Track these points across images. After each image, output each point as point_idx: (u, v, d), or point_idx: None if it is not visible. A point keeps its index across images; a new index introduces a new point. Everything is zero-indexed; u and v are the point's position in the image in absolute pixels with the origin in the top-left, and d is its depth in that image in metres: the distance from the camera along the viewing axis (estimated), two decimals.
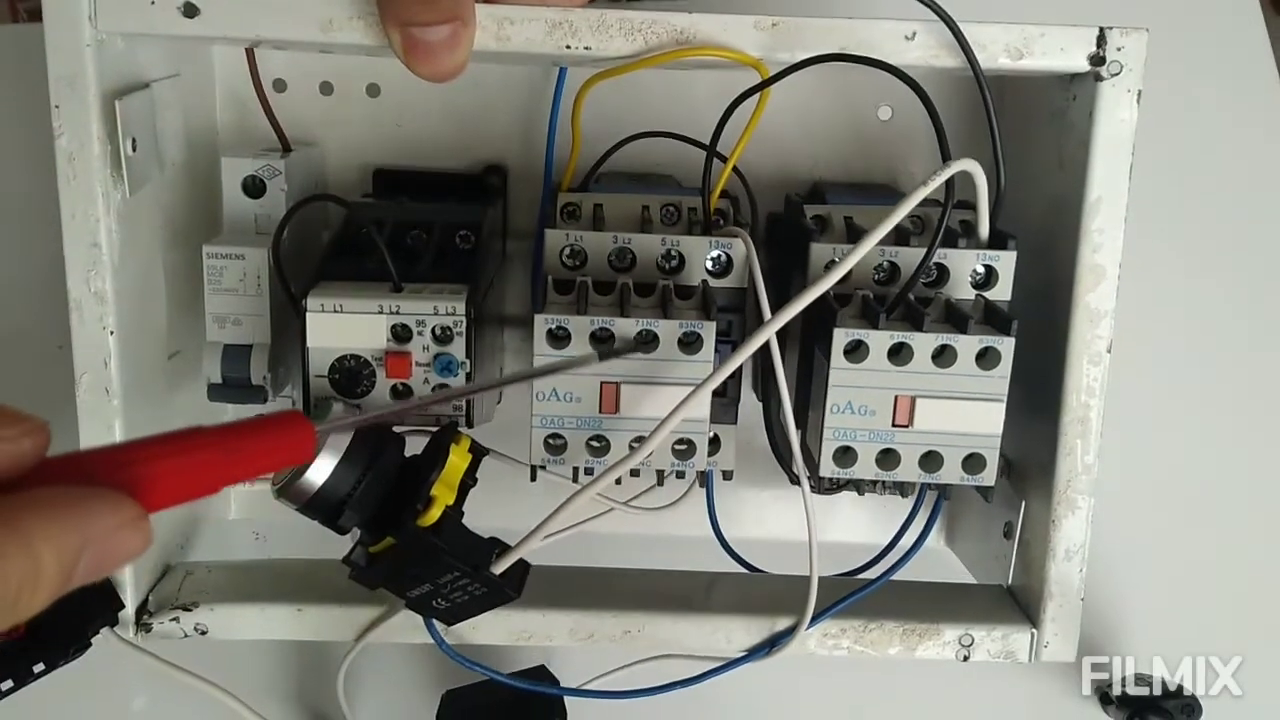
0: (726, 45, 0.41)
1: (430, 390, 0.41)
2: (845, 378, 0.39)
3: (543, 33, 0.41)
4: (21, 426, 0.27)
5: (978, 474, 0.40)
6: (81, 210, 0.42)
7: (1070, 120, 0.44)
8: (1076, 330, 0.44)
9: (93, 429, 0.43)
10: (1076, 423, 0.44)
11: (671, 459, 0.40)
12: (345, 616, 0.46)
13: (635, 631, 0.46)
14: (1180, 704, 0.53)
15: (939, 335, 0.39)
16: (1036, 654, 0.47)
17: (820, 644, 0.47)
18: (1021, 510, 0.46)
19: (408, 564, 0.39)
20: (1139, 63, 0.42)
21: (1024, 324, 0.41)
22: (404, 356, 0.41)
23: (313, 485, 0.38)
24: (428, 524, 0.38)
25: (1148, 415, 0.56)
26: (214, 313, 0.45)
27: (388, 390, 0.41)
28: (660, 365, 0.39)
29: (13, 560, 0.25)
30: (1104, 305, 0.43)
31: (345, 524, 0.39)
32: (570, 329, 0.39)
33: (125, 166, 0.42)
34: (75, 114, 0.41)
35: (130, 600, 0.45)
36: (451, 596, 0.40)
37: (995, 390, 0.39)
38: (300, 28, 0.40)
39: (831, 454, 0.40)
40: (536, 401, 0.39)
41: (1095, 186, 0.43)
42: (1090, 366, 0.44)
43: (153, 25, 0.40)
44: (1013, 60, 0.41)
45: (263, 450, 0.31)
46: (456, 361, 0.41)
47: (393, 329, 0.41)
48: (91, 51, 0.40)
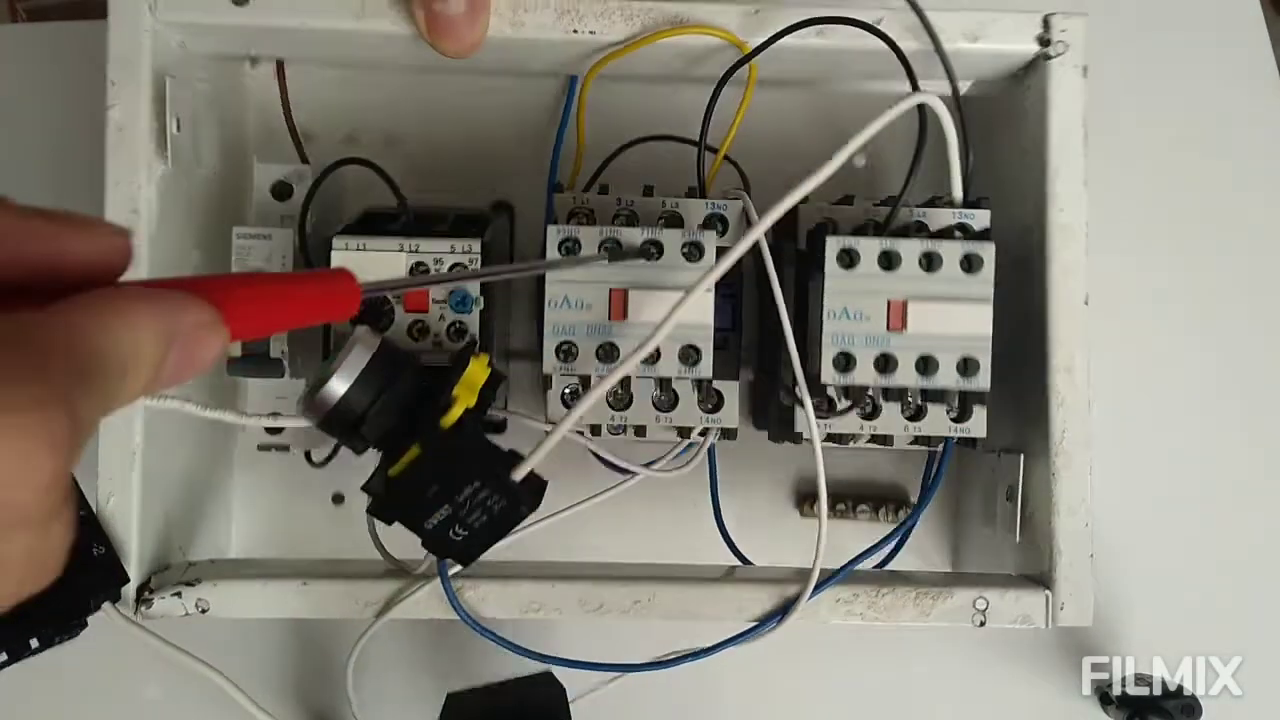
0: (714, 25, 0.46)
1: (445, 326, 0.43)
2: (839, 285, 0.41)
3: (552, 18, 0.46)
4: (109, 226, 0.28)
5: (973, 376, 0.42)
6: (126, 178, 0.45)
7: (1026, 109, 0.49)
8: (1054, 285, 0.46)
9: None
10: (1063, 370, 0.46)
11: (678, 363, 0.41)
12: (350, 592, 0.45)
13: (645, 601, 0.46)
14: (1180, 704, 0.53)
15: (925, 241, 0.42)
16: (1053, 617, 0.46)
17: (833, 610, 0.46)
18: (1020, 465, 0.47)
19: (428, 477, 0.39)
20: (1081, 42, 0.47)
21: (1006, 304, 0.44)
22: (422, 291, 0.43)
23: (334, 395, 0.39)
24: (449, 423, 0.39)
25: (1148, 415, 0.57)
26: None
27: (406, 325, 0.43)
28: (666, 274, 0.41)
29: (116, 334, 0.25)
30: (1076, 260, 0.47)
31: (367, 434, 0.39)
32: (580, 239, 0.41)
33: (170, 142, 0.45)
34: (128, 90, 0.45)
35: (132, 573, 0.45)
36: (469, 520, 0.40)
37: (981, 292, 0.42)
38: (336, 16, 0.45)
39: (832, 360, 0.41)
40: (549, 309, 0.41)
41: (1054, 155, 0.47)
42: (1070, 319, 0.46)
43: (207, 14, 0.45)
44: (969, 42, 0.47)
45: (316, 295, 0.33)
46: (471, 297, 0.43)
47: (411, 267, 0.43)
48: (149, 37, 0.45)
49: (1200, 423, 0.58)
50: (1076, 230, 0.47)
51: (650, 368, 0.41)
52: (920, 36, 0.46)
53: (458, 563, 0.42)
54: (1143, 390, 0.57)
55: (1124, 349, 0.55)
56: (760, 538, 0.53)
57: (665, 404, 0.45)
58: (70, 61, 0.57)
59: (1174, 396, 0.58)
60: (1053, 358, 0.46)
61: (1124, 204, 0.57)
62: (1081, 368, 0.46)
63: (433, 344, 0.44)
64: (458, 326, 0.44)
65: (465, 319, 0.44)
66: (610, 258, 0.40)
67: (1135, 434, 0.56)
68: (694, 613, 0.46)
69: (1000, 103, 0.51)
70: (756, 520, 0.57)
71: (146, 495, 0.45)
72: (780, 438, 0.56)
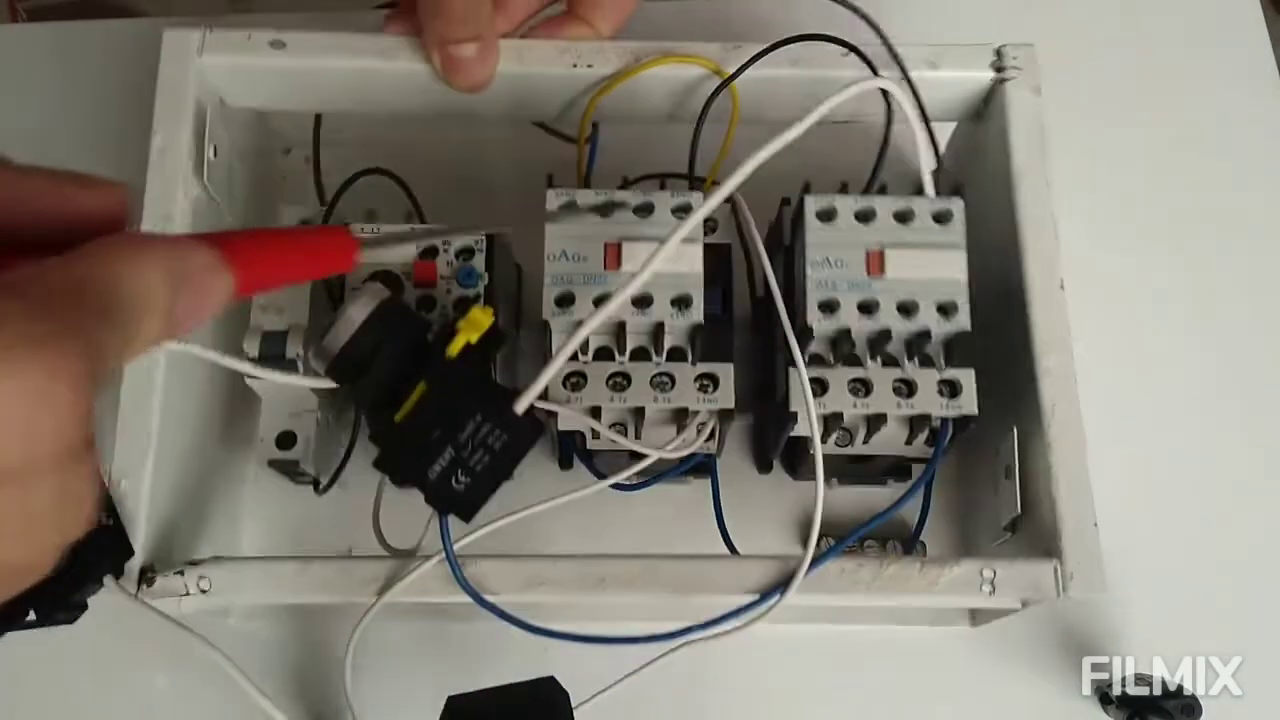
0: (698, 55, 0.51)
1: (452, 300, 0.46)
2: (820, 236, 0.44)
3: (554, 55, 0.51)
4: (107, 180, 0.31)
5: (952, 318, 0.44)
6: (164, 194, 0.49)
7: (988, 127, 0.53)
8: (1030, 271, 0.49)
9: (136, 376, 0.47)
10: (1048, 350, 0.48)
11: (670, 308, 0.43)
12: (354, 570, 0.45)
13: (648, 574, 0.45)
14: (1180, 704, 0.51)
15: (898, 199, 0.45)
16: (1064, 587, 0.45)
17: (838, 580, 0.45)
18: (1015, 442, 0.48)
19: (432, 416, 0.41)
20: (1034, 66, 0.52)
21: (985, 303, 0.47)
22: (430, 263, 0.46)
23: (344, 334, 0.41)
24: (454, 353, 0.40)
25: (1148, 415, 0.58)
26: (259, 302, 0.50)
27: (415, 300, 0.46)
28: (657, 229, 0.44)
29: (126, 276, 0.26)
30: (1048, 247, 0.49)
31: (373, 371, 0.41)
32: (578, 200, 0.44)
33: (206, 167, 0.50)
34: (172, 119, 0.50)
35: (137, 557, 0.45)
36: (471, 462, 0.41)
37: (954, 240, 0.44)
38: (366, 57, 0.51)
39: (817, 305, 0.43)
40: (548, 262, 0.44)
41: (1019, 155, 0.50)
42: (1048, 301, 0.48)
43: (249, 57, 0.51)
44: (931, 70, 0.52)
45: (315, 246, 0.36)
46: (477, 273, 0.46)
47: (421, 250, 0.47)
48: (195, 75, 0.50)
49: (1200, 423, 0.58)
50: (1045, 223, 0.50)
51: (644, 311, 0.43)
52: (887, 65, 0.51)
53: (461, 517, 0.43)
54: (1143, 390, 0.57)
55: (1124, 349, 0.57)
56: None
57: (664, 385, 0.47)
58: (70, 61, 0.59)
59: (1174, 396, 0.59)
60: (1036, 339, 0.48)
61: (1124, 204, 0.59)
62: (1064, 346, 0.48)
63: (439, 318, 0.46)
64: (464, 301, 0.46)
65: (470, 293, 0.46)
66: (602, 214, 0.44)
67: (1135, 434, 0.56)
68: (695, 585, 0.45)
69: (967, 132, 0.55)
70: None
71: (157, 485, 0.46)
72: (785, 461, 0.57)
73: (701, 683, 0.55)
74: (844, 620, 0.57)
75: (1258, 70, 0.63)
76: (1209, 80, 0.62)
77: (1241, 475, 0.58)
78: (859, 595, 0.45)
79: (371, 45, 0.51)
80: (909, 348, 0.45)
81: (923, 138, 0.48)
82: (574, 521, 0.56)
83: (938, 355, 0.46)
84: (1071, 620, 0.57)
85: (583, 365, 0.46)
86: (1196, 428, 0.58)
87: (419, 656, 0.56)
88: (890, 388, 0.46)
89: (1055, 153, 0.50)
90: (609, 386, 0.47)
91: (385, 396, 0.42)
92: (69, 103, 0.60)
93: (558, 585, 0.45)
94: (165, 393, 0.47)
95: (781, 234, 0.50)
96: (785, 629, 0.55)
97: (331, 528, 0.56)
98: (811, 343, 0.45)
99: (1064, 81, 0.53)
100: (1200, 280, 0.61)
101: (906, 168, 0.50)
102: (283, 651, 0.56)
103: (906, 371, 0.46)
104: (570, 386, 0.46)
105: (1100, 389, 0.48)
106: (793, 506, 0.58)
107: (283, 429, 0.52)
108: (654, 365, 0.47)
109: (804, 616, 0.56)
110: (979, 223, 0.51)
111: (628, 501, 0.57)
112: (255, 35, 0.51)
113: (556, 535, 0.55)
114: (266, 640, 0.55)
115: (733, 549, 0.51)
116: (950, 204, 0.45)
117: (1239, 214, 0.62)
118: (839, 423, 0.47)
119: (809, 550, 0.44)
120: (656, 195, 0.45)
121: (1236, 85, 0.63)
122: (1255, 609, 0.56)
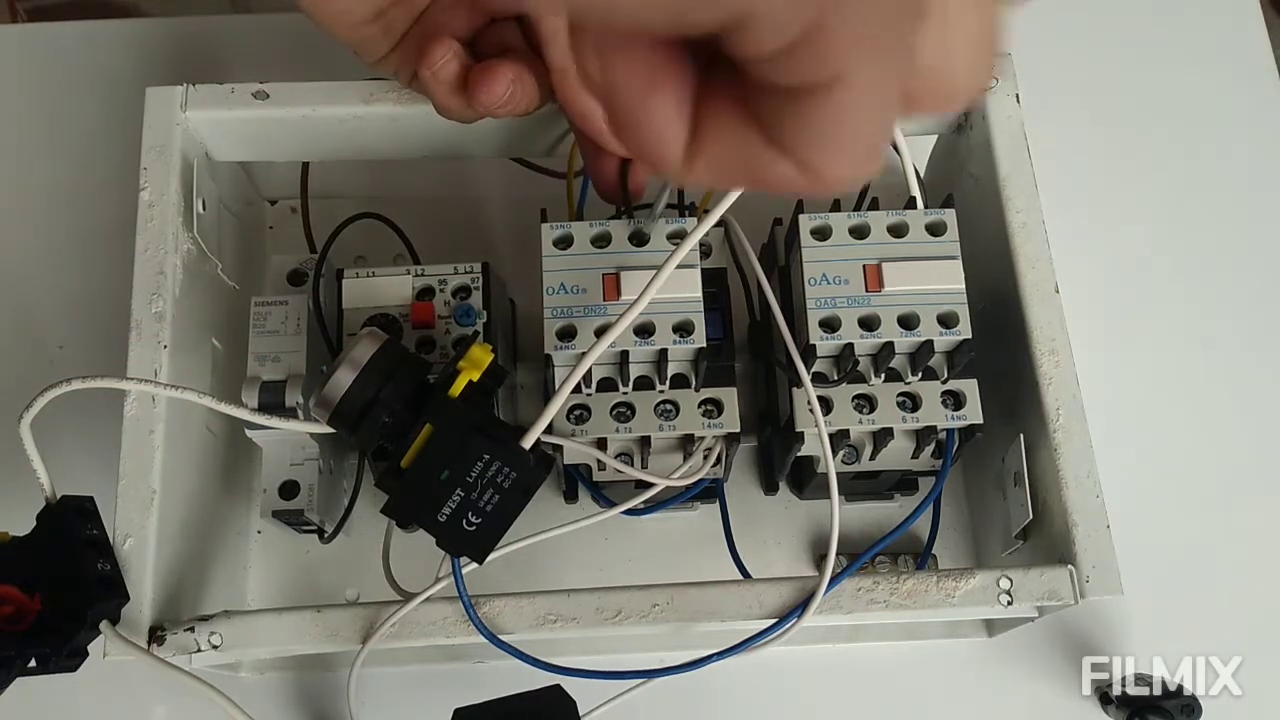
0: None
1: (451, 341, 0.46)
2: (816, 254, 0.44)
3: None
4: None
5: (954, 328, 0.44)
6: (154, 245, 0.49)
7: (970, 139, 0.53)
8: (1023, 277, 0.49)
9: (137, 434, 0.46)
10: (1047, 354, 0.48)
11: (673, 336, 0.43)
12: (365, 616, 0.45)
13: (664, 604, 0.45)
14: (1180, 704, 0.51)
15: (891, 213, 0.45)
16: (1081, 591, 0.45)
17: (855, 599, 0.45)
18: (1022, 449, 0.48)
19: (439, 459, 0.40)
20: (1011, 78, 0.52)
21: (981, 313, 0.47)
22: (428, 304, 0.46)
23: (342, 384, 0.41)
24: (456, 392, 0.40)
25: (1148, 414, 0.58)
26: (256, 353, 0.50)
27: (414, 342, 0.46)
28: (653, 258, 0.44)
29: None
30: (1039, 252, 0.49)
31: (375, 416, 0.41)
32: (573, 233, 0.44)
33: (196, 220, 0.50)
34: (159, 174, 0.50)
35: (146, 616, 0.44)
36: (481, 502, 0.41)
37: (949, 251, 0.44)
38: (347, 102, 0.51)
39: (818, 323, 0.43)
40: (547, 295, 0.44)
41: (1004, 164, 0.51)
42: (1044, 306, 0.49)
43: (232, 108, 0.51)
44: None
45: None
46: (475, 311, 0.46)
47: (417, 292, 0.46)
48: (180, 130, 0.50)
49: (1200, 422, 0.58)
50: (1034, 228, 0.50)
51: (646, 340, 0.43)
52: None
53: (474, 559, 0.42)
54: (1143, 390, 0.58)
55: (1124, 349, 0.57)
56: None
57: (669, 413, 0.47)
58: (70, 61, 0.58)
59: (1174, 396, 0.59)
60: (1035, 344, 0.48)
61: (1125, 204, 0.59)
62: (1064, 349, 0.48)
63: (439, 358, 0.46)
64: (464, 340, 0.46)
65: (469, 331, 0.46)
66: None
67: (1135, 434, 0.56)
68: (713, 612, 0.45)
69: (949, 144, 0.56)
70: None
71: (162, 542, 0.46)
72: (791, 480, 0.57)
73: (706, 696, 0.54)
74: (857, 639, 0.57)
75: (1258, 70, 0.63)
76: (1209, 80, 0.63)
77: (1242, 476, 0.58)
78: (877, 613, 0.45)
79: (355, 92, 0.51)
80: (912, 361, 0.45)
81: (905, 149, 0.49)
82: (582, 555, 0.57)
83: (940, 366, 0.46)
84: (1072, 620, 0.57)
85: (586, 398, 0.46)
86: (1196, 428, 0.59)
87: (425, 673, 0.55)
88: (894, 402, 0.46)
89: (1055, 156, 0.50)
90: (613, 417, 0.47)
91: (389, 441, 0.42)
92: (69, 103, 0.59)
93: (573, 621, 0.45)
94: (166, 450, 0.47)
95: (775, 254, 0.50)
96: (800, 649, 0.55)
97: (338, 574, 0.56)
98: (815, 362, 0.45)
99: (1064, 83, 0.53)
100: (1200, 280, 0.61)
101: (894, 178, 0.50)
102: (296, 697, 0.55)
103: (910, 385, 0.46)
104: (575, 419, 0.46)
105: (1097, 392, 0.48)
106: (800, 526, 0.58)
107: (285, 479, 0.51)
108: (657, 394, 0.46)
109: (820, 637, 0.56)
110: (968, 233, 0.51)
111: (636, 530, 0.57)
112: (238, 89, 0.51)
113: (566, 568, 0.55)
114: (280, 690, 0.55)
115: (745, 572, 0.51)
116: (943, 215, 0.46)
117: (1239, 214, 0.62)
118: (845, 440, 0.47)
119: (826, 570, 0.44)
120: (650, 224, 0.45)
121: (1236, 85, 0.63)
122: (1255, 609, 0.56)
